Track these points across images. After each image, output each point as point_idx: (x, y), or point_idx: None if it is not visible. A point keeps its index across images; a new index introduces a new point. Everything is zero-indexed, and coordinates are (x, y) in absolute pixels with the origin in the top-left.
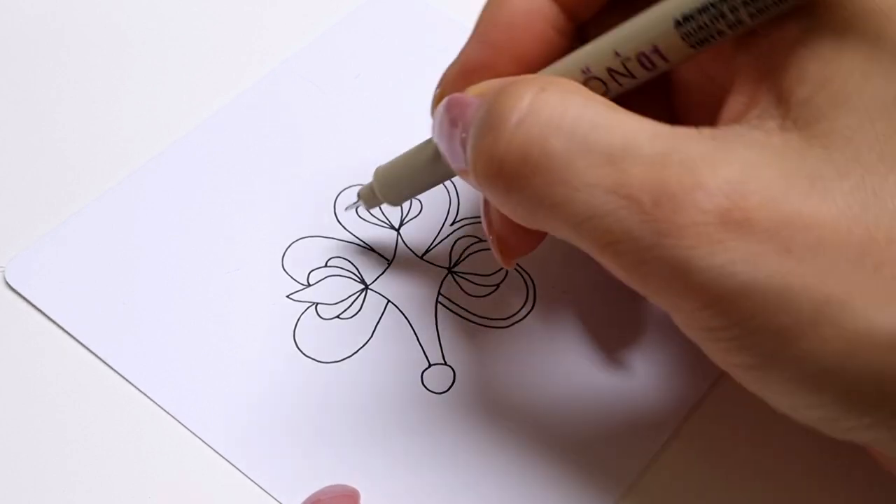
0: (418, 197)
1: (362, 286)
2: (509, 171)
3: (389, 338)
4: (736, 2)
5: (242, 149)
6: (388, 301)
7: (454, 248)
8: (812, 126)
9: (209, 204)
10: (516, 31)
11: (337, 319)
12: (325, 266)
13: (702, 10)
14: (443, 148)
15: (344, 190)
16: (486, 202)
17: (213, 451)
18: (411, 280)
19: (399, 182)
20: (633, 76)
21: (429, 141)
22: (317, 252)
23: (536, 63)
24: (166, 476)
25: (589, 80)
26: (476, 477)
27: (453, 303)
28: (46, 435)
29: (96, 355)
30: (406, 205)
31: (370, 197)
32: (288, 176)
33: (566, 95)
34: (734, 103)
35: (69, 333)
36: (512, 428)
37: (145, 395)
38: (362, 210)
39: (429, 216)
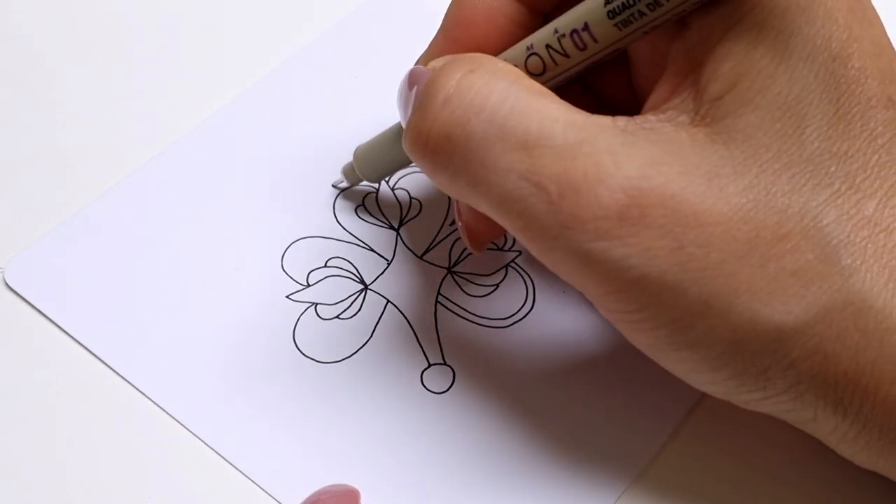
0: (418, 197)
1: (362, 286)
2: (433, 147)
3: (389, 338)
4: None
5: (242, 149)
6: (388, 301)
7: (454, 248)
8: (718, 123)
9: (209, 204)
10: (478, 29)
11: (337, 319)
12: (325, 266)
13: None
14: (401, 109)
15: (335, 185)
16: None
17: (213, 451)
18: (411, 280)
19: (375, 159)
20: (566, 54)
21: (398, 123)
22: (316, 252)
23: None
24: (166, 476)
25: (530, 56)
26: (476, 477)
27: (453, 303)
28: (46, 435)
29: (96, 356)
30: (406, 205)
31: (351, 174)
32: (288, 176)
33: (492, 78)
34: (659, 92)
35: (69, 334)
36: (512, 428)
37: (145, 395)
38: (346, 188)
39: (429, 216)
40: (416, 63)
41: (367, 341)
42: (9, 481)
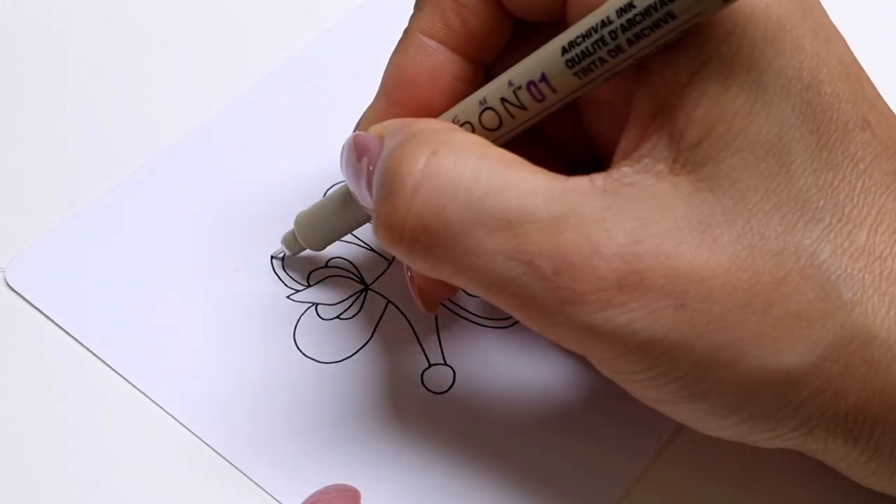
0: None
1: (362, 286)
2: (410, 239)
3: (389, 338)
4: (614, 26)
5: (242, 149)
6: (388, 301)
7: None
8: (700, 169)
9: (209, 204)
10: (421, 90)
11: (337, 320)
12: (325, 266)
13: (585, 35)
14: (352, 187)
15: (335, 185)
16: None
17: (213, 451)
18: None
19: (318, 227)
20: (523, 107)
21: (342, 188)
22: (316, 252)
23: (442, 113)
24: (166, 476)
25: (484, 110)
26: (476, 477)
27: (453, 303)
28: (46, 435)
29: (96, 355)
30: None
31: (293, 243)
32: (288, 176)
33: (459, 157)
34: (627, 139)
35: (69, 334)
36: (512, 428)
37: (145, 395)
38: (288, 258)
39: None
40: (357, 127)
41: (368, 341)
42: (9, 481)
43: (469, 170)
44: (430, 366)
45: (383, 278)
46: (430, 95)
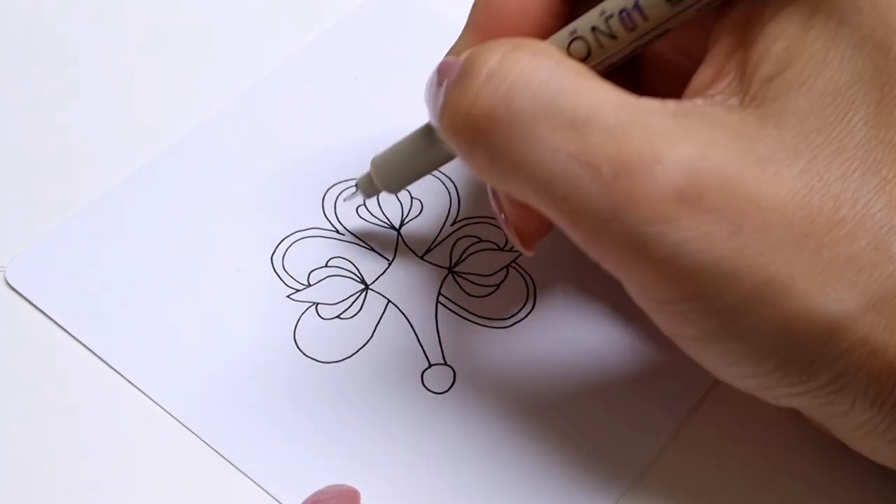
0: (418, 197)
1: (362, 286)
2: (473, 125)
3: (389, 338)
4: None
5: (242, 149)
6: (389, 301)
7: (454, 248)
8: (769, 105)
9: (209, 204)
10: (510, 19)
11: (337, 319)
12: (325, 266)
13: None
14: (430, 105)
15: (335, 185)
16: (491, 191)
17: (213, 451)
18: (411, 280)
19: (396, 169)
20: (613, 35)
21: (424, 126)
22: (317, 252)
23: None
24: (167, 476)
25: (574, 40)
26: (476, 477)
27: (454, 303)
28: (46, 435)
29: (97, 355)
30: (406, 205)
31: (368, 186)
32: (288, 176)
33: (536, 57)
34: (702, 75)
35: (70, 333)
36: (512, 428)
37: (146, 394)
38: (359, 203)
39: (429, 216)
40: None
41: (368, 341)
42: (9, 481)
43: (544, 69)
44: (430, 366)
45: (383, 278)
46: (518, 27)
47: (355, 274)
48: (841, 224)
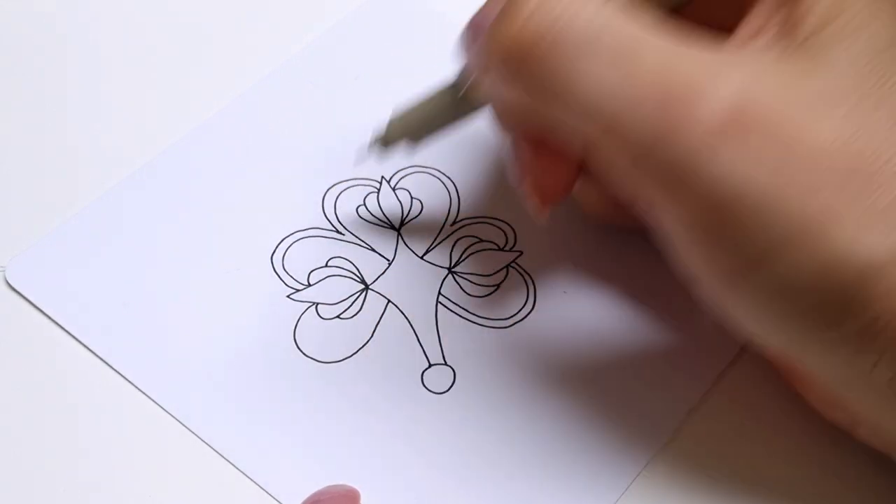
0: (418, 197)
1: (362, 286)
2: (518, 51)
3: (389, 338)
4: None
5: (242, 149)
6: (389, 301)
7: (454, 248)
8: (817, 55)
9: (209, 204)
10: None
11: (337, 319)
12: (325, 266)
13: None
14: (464, 52)
15: (335, 184)
16: (514, 145)
17: (213, 451)
18: (412, 280)
19: (418, 121)
20: None
21: (448, 85)
22: (317, 252)
23: None
24: (166, 476)
25: None
26: (476, 477)
27: (453, 303)
28: (46, 435)
29: (97, 355)
30: (406, 205)
31: (393, 132)
32: (288, 176)
33: None
34: (749, 24)
35: (70, 333)
36: (512, 428)
37: (146, 394)
38: (373, 158)
39: (430, 216)
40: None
41: (368, 341)
42: (9, 481)
43: (592, 3)
44: (430, 366)
45: (383, 278)
46: None
47: (355, 274)
48: (882, 171)
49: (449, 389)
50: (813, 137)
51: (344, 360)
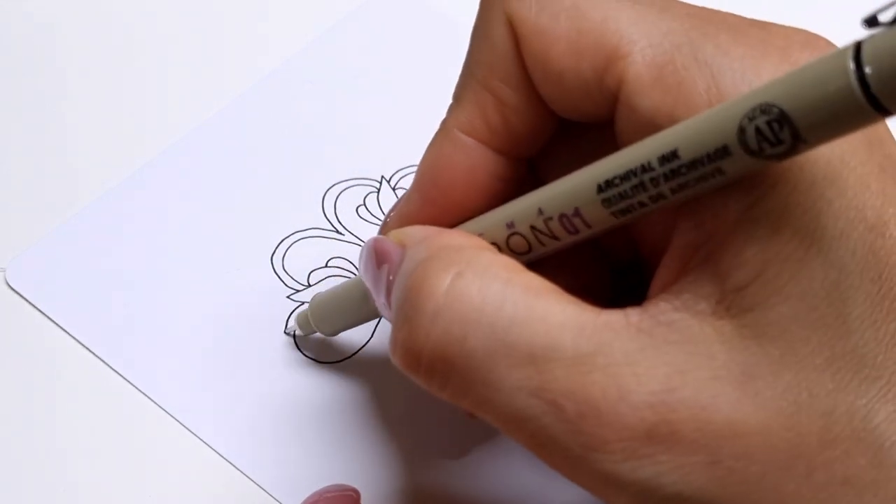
0: None
1: None
2: (428, 367)
3: (389, 338)
4: (655, 174)
5: (242, 149)
6: None
7: None
8: (746, 315)
9: (209, 204)
10: (456, 190)
11: None
12: (325, 266)
13: (623, 177)
14: (372, 291)
15: (335, 184)
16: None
17: (213, 451)
18: None
19: (332, 315)
20: (555, 237)
21: (360, 282)
22: (317, 252)
23: (477, 215)
24: (166, 476)
25: (512, 235)
26: (476, 477)
27: None
28: (47, 435)
29: (97, 356)
30: None
31: (305, 325)
32: (288, 176)
33: (484, 282)
34: (667, 268)
35: (70, 334)
36: None
37: (145, 395)
38: (301, 335)
39: None
40: (387, 218)
41: (368, 341)
42: (9, 481)
43: (494, 297)
44: None
45: None
46: (466, 195)
47: (355, 274)
48: (834, 443)
49: None
50: (748, 421)
51: (344, 360)
